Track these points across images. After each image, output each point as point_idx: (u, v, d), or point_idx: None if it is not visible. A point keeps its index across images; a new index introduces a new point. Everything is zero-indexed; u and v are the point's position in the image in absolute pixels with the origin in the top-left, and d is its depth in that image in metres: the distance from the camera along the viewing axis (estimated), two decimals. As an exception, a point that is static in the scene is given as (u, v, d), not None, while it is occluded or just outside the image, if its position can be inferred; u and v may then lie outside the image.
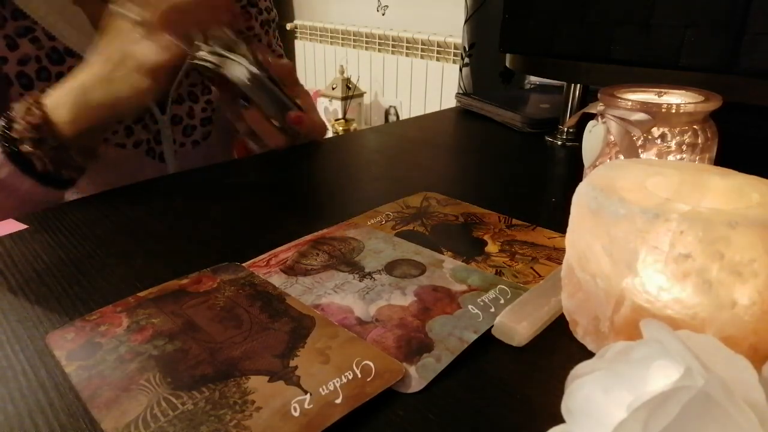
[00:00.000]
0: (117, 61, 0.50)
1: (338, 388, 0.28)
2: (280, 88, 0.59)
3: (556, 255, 0.42)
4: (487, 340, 0.32)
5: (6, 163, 0.51)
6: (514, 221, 0.48)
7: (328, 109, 2.39)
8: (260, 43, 0.77)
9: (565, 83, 0.76)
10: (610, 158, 0.45)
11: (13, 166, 0.51)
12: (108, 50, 0.51)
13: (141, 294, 0.37)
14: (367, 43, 2.35)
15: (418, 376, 0.29)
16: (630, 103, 0.42)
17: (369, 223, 0.48)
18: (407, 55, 2.19)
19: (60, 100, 0.52)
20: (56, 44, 0.58)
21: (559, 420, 0.22)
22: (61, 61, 0.59)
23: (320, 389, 0.28)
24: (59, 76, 0.59)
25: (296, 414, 0.26)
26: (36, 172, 0.52)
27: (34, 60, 0.57)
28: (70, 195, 0.65)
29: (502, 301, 0.36)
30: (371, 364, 0.30)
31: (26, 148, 0.50)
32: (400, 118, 2.25)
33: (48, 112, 0.51)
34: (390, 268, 0.40)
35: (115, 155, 0.65)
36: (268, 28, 0.79)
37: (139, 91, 0.51)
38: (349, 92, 2.35)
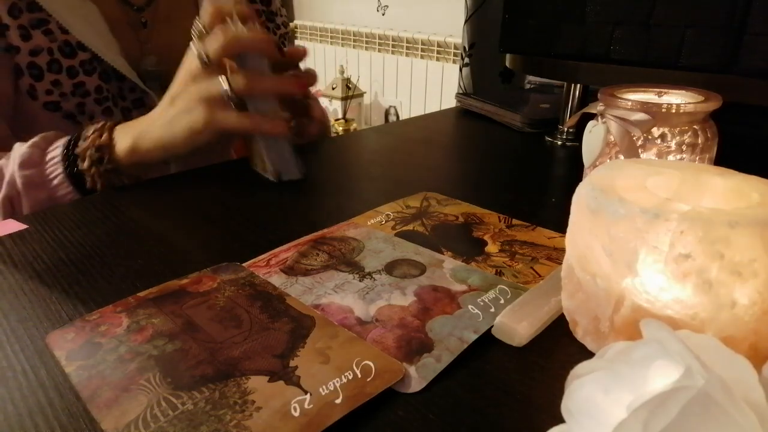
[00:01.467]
0: (177, 98, 0.53)
1: (338, 388, 0.28)
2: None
3: (556, 255, 0.42)
4: (487, 340, 0.32)
5: (66, 184, 0.54)
6: (514, 221, 0.48)
7: (328, 109, 2.39)
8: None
9: (565, 83, 0.76)
10: (610, 158, 0.45)
11: (72, 188, 0.54)
12: (172, 89, 0.54)
13: (141, 294, 0.37)
14: (367, 43, 2.34)
15: (418, 376, 0.29)
16: (630, 103, 0.42)
17: (369, 223, 0.48)
18: (407, 55, 2.19)
19: (127, 129, 0.55)
20: (69, 38, 0.59)
21: (559, 420, 0.22)
22: (72, 54, 0.60)
23: (320, 389, 0.28)
24: (70, 70, 0.60)
25: (296, 414, 0.26)
26: (83, 188, 0.54)
27: (46, 52, 0.58)
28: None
29: (502, 301, 0.36)
30: (371, 364, 0.30)
31: (84, 165, 0.53)
32: (400, 118, 2.25)
33: (114, 137, 0.54)
34: (390, 268, 0.40)
35: None
36: (284, 40, 0.81)
37: (193, 131, 0.52)
38: (349, 92, 2.35)
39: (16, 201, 0.53)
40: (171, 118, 0.53)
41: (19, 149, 0.53)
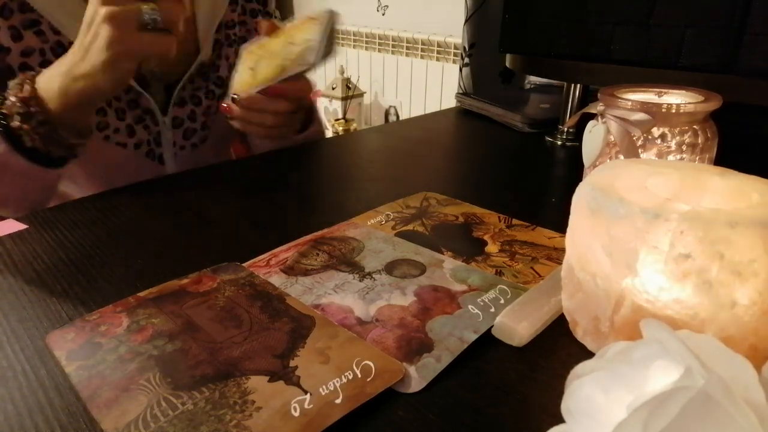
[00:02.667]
0: (90, 25, 0.50)
1: (338, 388, 0.28)
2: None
3: (556, 255, 0.42)
4: (487, 340, 0.32)
5: (0, 141, 0.51)
6: (514, 221, 0.48)
7: (328, 109, 2.39)
8: None
9: (565, 83, 0.76)
10: (610, 158, 0.45)
11: (6, 144, 0.51)
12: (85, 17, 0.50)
13: (141, 294, 0.37)
14: (367, 43, 2.34)
15: (418, 376, 0.29)
16: (630, 103, 0.42)
17: (369, 223, 0.48)
18: (407, 55, 2.19)
19: (48, 75, 0.52)
20: (61, 38, 0.59)
21: (559, 420, 0.22)
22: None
23: (320, 389, 0.28)
24: None
25: (296, 414, 0.26)
26: (25, 149, 0.52)
27: (38, 53, 0.58)
28: (73, 193, 0.65)
29: (502, 301, 0.36)
30: (371, 364, 0.30)
31: (15, 123, 0.51)
32: (400, 118, 2.25)
33: (37, 87, 0.52)
34: (390, 268, 0.40)
35: (115, 155, 0.65)
36: None
37: (106, 58, 0.49)
38: (349, 92, 2.35)
39: None
40: (86, 46, 0.50)
41: None
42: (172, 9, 0.50)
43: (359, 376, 0.29)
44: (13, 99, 0.51)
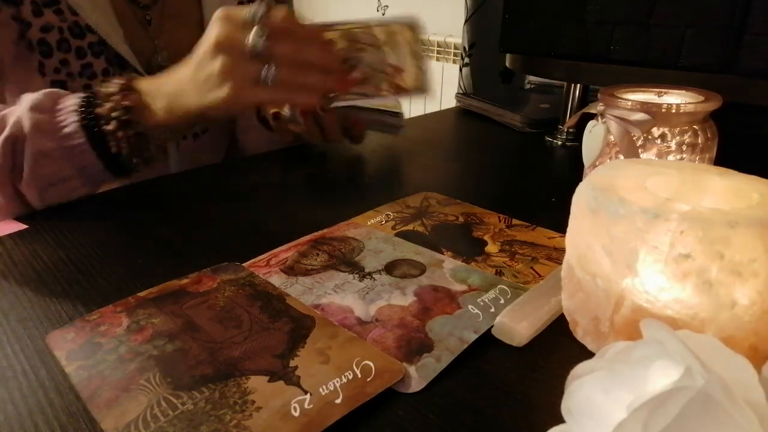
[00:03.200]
0: (204, 66, 0.49)
1: (338, 388, 0.28)
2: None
3: (556, 255, 0.42)
4: (487, 340, 0.32)
5: (80, 134, 0.50)
6: (514, 221, 0.48)
7: (328, 109, 2.39)
8: None
9: (565, 83, 0.76)
10: (610, 158, 0.45)
11: (86, 140, 0.50)
12: (197, 55, 0.50)
13: (141, 294, 0.37)
14: (367, 43, 2.34)
15: (418, 376, 0.29)
16: (630, 103, 0.42)
17: (369, 223, 0.48)
18: (407, 55, 2.19)
19: (156, 88, 0.51)
20: (78, 19, 0.60)
21: (559, 420, 0.22)
22: (81, 35, 0.60)
23: (320, 389, 0.28)
24: (79, 50, 0.60)
25: (296, 414, 0.26)
26: (107, 153, 0.51)
27: (57, 30, 0.59)
28: None
29: (502, 301, 0.36)
30: (371, 364, 0.30)
31: (109, 127, 0.49)
32: (400, 118, 2.24)
33: (143, 98, 0.51)
34: (390, 268, 0.40)
35: None
36: None
37: (223, 105, 0.49)
38: (349, 92, 2.35)
39: (20, 143, 0.50)
40: (200, 86, 0.49)
41: (31, 95, 0.51)
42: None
43: (359, 376, 0.29)
44: (113, 103, 0.50)
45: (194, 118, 0.52)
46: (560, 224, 0.37)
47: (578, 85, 0.74)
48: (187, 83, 0.50)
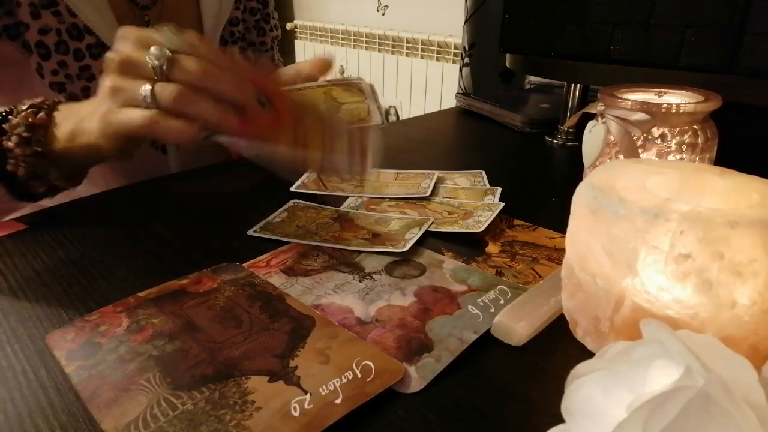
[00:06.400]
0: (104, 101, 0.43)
1: (338, 388, 0.28)
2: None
3: (557, 255, 0.42)
4: (487, 340, 0.32)
5: None
6: (515, 222, 0.48)
7: (329, 110, 2.39)
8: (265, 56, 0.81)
9: (565, 83, 0.76)
10: (610, 158, 0.45)
11: None
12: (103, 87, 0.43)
13: (141, 294, 0.37)
14: (367, 43, 2.34)
15: (418, 376, 0.29)
16: (630, 103, 0.42)
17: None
18: (407, 55, 2.19)
19: (74, 111, 0.47)
20: (77, 21, 0.60)
21: (559, 420, 0.22)
22: (80, 37, 0.60)
23: (320, 389, 0.28)
24: (77, 52, 0.60)
25: (296, 414, 0.26)
26: (3, 171, 0.47)
27: (55, 32, 0.59)
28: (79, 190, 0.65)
29: (502, 302, 0.36)
30: (371, 364, 0.30)
31: (10, 143, 0.46)
32: (400, 118, 2.25)
33: (53, 119, 0.47)
34: (390, 268, 0.40)
35: None
36: (273, 44, 0.83)
37: (96, 122, 0.43)
38: (349, 92, 2.35)
39: None
40: (92, 110, 0.44)
41: None
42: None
43: (359, 376, 0.29)
44: (20, 119, 0.46)
45: (90, 150, 0.45)
46: (560, 224, 0.37)
47: (578, 85, 0.74)
48: (90, 105, 0.45)
